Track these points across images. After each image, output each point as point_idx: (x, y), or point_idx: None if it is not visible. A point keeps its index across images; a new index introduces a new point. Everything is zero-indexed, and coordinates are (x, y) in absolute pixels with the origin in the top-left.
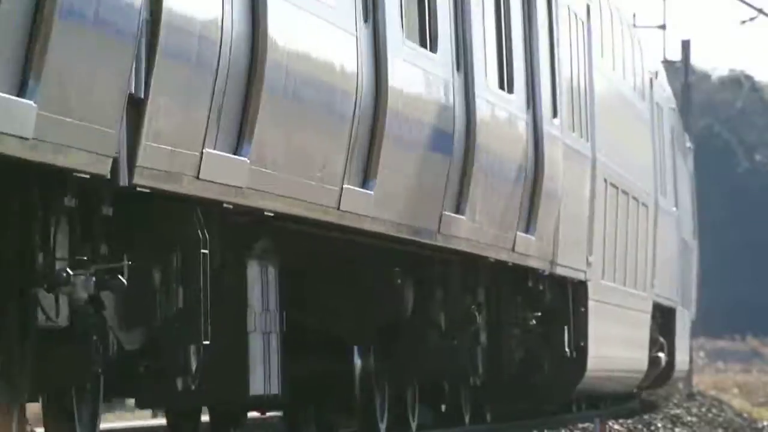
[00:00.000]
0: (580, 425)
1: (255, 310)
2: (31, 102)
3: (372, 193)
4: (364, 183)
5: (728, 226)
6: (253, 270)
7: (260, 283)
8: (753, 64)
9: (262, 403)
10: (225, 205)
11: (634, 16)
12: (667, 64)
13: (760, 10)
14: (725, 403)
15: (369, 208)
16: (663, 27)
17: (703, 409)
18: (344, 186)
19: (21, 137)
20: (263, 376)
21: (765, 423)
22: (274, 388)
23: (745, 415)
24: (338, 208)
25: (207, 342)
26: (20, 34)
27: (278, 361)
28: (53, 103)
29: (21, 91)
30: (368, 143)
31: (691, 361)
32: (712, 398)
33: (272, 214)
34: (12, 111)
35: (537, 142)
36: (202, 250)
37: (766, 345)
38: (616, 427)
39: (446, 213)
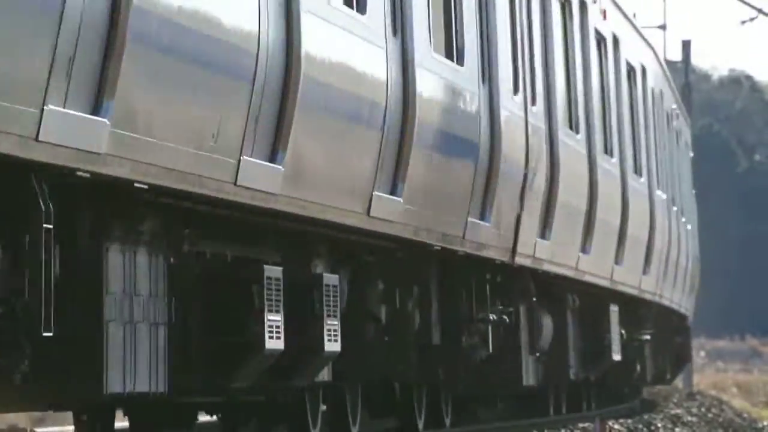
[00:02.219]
0: (580, 425)
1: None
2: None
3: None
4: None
5: (728, 225)
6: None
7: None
8: (753, 64)
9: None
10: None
11: (634, 15)
12: (668, 64)
13: (760, 10)
14: (725, 402)
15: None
16: (663, 27)
17: (703, 409)
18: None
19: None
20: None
21: (765, 423)
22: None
23: (745, 414)
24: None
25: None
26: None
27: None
28: None
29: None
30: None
31: (690, 360)
32: (712, 398)
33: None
34: None
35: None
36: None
37: (766, 345)
38: (616, 426)
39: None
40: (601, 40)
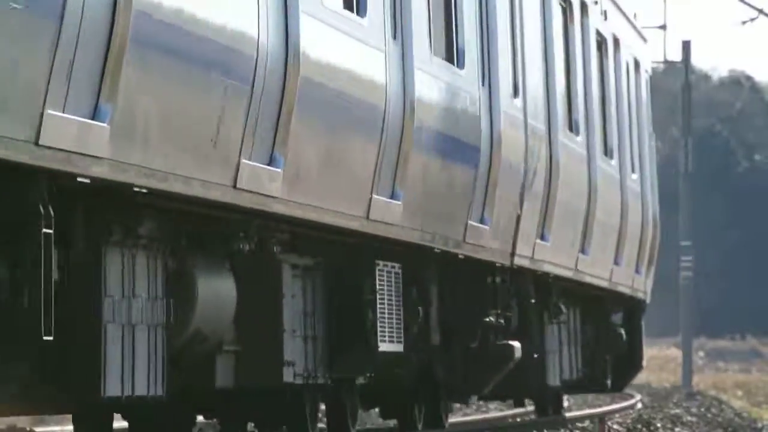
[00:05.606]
0: (580, 425)
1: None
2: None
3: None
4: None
5: (728, 226)
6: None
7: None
8: (753, 65)
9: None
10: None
11: (635, 15)
12: (668, 64)
13: (761, 11)
14: (725, 402)
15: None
16: (663, 27)
17: (703, 409)
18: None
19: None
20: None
21: (765, 423)
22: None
23: (745, 414)
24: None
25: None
26: None
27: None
28: None
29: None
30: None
31: (690, 360)
32: (712, 398)
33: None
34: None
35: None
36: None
37: (766, 345)
38: (616, 426)
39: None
40: None
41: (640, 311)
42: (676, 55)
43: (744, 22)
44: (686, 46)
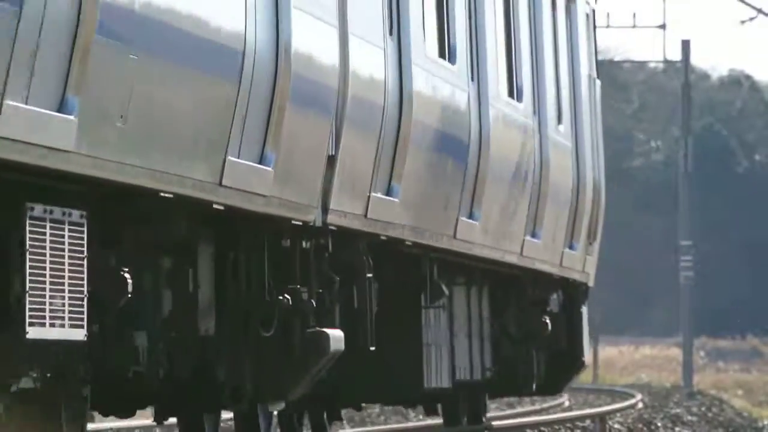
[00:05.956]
0: (580, 425)
1: None
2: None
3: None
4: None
5: (728, 225)
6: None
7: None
8: (753, 64)
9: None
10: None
11: (634, 15)
12: (668, 63)
13: (760, 10)
14: (725, 402)
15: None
16: (663, 27)
17: (703, 409)
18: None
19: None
20: None
21: (765, 422)
22: None
23: (746, 414)
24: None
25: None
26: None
27: None
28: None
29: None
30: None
31: (691, 360)
32: (712, 397)
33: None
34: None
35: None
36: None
37: (767, 344)
38: (617, 426)
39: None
40: None
41: (580, 296)
42: (675, 55)
43: (743, 22)
44: (686, 45)
